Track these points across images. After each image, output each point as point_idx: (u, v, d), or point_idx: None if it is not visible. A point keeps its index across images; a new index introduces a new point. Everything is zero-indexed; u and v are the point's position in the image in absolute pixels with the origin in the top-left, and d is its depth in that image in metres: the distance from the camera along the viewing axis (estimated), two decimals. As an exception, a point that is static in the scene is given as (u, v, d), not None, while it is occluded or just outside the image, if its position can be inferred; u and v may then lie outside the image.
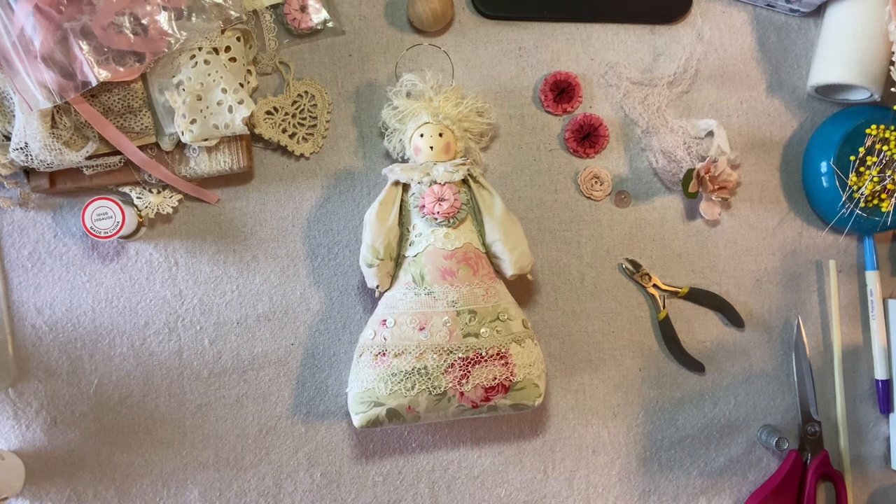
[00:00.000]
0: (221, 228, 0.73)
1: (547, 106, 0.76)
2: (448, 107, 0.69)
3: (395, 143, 0.71)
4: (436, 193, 0.66)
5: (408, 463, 0.75)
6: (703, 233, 0.78)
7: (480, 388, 0.66)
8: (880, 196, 0.75)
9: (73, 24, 0.62)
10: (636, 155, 0.77)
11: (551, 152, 0.76)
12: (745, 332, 0.78)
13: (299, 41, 0.74)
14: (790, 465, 0.76)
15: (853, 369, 0.80)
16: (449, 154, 0.68)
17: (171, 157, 0.70)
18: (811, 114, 0.80)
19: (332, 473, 0.74)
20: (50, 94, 0.62)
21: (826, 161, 0.75)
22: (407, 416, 0.66)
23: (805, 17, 0.79)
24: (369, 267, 0.67)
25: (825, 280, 0.79)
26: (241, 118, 0.67)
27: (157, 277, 0.73)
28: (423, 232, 0.67)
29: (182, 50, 0.65)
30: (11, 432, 0.71)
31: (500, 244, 0.68)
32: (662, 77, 0.77)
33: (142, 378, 0.73)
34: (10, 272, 0.72)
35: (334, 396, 0.74)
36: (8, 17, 0.61)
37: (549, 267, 0.76)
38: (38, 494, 0.71)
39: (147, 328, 0.73)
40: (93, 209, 0.67)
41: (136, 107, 0.66)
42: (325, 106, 0.74)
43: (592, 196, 0.76)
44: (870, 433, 0.80)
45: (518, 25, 0.76)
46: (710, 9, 0.78)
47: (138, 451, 0.73)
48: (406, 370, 0.65)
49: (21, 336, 0.72)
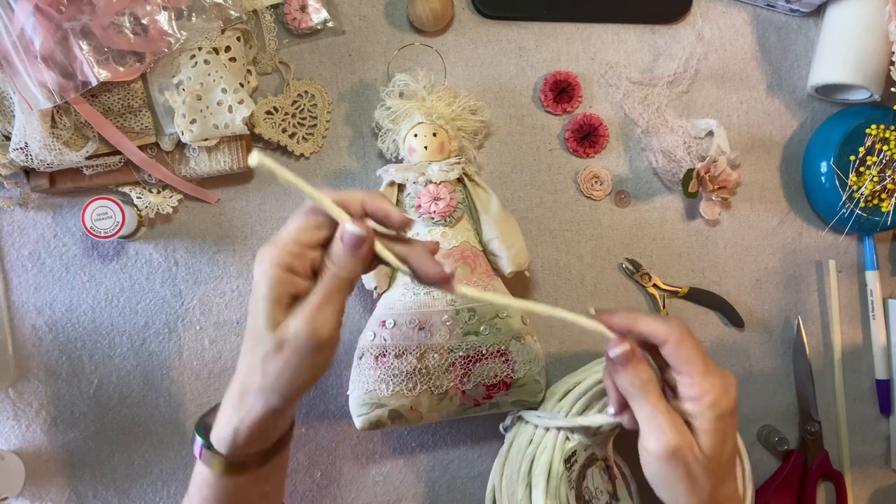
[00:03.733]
0: (221, 228, 0.73)
1: (547, 106, 0.76)
2: (441, 106, 0.69)
3: (388, 143, 0.71)
4: (431, 193, 0.66)
5: (408, 463, 0.75)
6: (703, 233, 0.78)
7: (482, 386, 0.66)
8: (880, 196, 0.75)
9: (73, 24, 0.62)
10: (636, 155, 0.77)
11: (551, 152, 0.76)
12: (745, 332, 0.78)
13: (299, 41, 0.74)
14: (790, 465, 0.76)
15: (853, 369, 0.80)
16: (443, 153, 0.68)
17: (171, 157, 0.70)
18: (811, 114, 0.80)
19: (332, 473, 0.74)
20: (50, 94, 0.62)
21: (826, 161, 0.75)
22: (409, 416, 0.66)
23: (805, 17, 0.79)
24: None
25: (825, 280, 0.79)
26: (241, 118, 0.67)
27: (157, 277, 0.73)
28: (419, 232, 0.67)
29: (182, 50, 0.65)
30: (11, 432, 0.71)
31: (497, 242, 0.68)
32: (662, 77, 0.77)
33: (142, 378, 0.73)
34: (10, 272, 0.72)
35: (334, 397, 0.74)
36: (8, 17, 0.61)
37: (549, 267, 0.76)
38: (38, 494, 0.71)
39: (147, 328, 0.73)
40: (93, 209, 0.67)
41: (136, 107, 0.66)
42: (325, 106, 0.74)
43: (592, 196, 0.76)
44: (870, 433, 0.80)
45: (518, 25, 0.76)
46: (710, 9, 0.78)
47: (138, 451, 0.73)
48: (407, 370, 0.65)
49: (21, 336, 0.72)
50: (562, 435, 0.64)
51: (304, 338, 0.46)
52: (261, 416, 0.49)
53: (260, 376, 0.48)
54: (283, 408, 0.50)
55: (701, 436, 0.49)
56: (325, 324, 0.47)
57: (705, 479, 0.50)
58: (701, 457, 0.49)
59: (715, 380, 0.50)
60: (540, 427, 0.66)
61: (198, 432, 0.53)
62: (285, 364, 0.47)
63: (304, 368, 0.48)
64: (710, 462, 0.49)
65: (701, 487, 0.50)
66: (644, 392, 0.50)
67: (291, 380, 0.48)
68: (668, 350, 0.50)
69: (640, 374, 0.50)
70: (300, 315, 0.47)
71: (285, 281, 0.47)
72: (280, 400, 0.49)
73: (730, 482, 0.52)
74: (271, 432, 0.52)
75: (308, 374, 0.48)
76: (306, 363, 0.47)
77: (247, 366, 0.49)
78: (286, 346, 0.47)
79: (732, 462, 0.52)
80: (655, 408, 0.50)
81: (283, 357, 0.47)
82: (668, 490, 0.51)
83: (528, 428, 0.67)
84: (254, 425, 0.50)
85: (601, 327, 0.52)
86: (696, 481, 0.50)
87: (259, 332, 0.47)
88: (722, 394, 0.49)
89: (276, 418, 0.51)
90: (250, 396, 0.49)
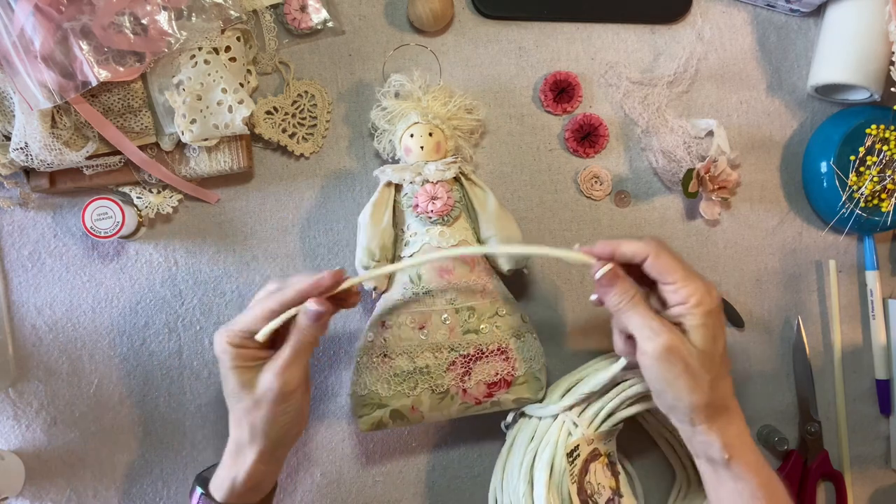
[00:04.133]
0: (221, 228, 0.73)
1: (547, 106, 0.76)
2: (437, 106, 0.69)
3: (384, 143, 0.71)
4: (429, 192, 0.66)
5: (408, 463, 0.75)
6: (703, 233, 0.78)
7: (483, 385, 0.66)
8: (880, 196, 0.75)
9: (73, 24, 0.62)
10: (636, 155, 0.77)
11: (551, 152, 0.76)
12: (745, 332, 0.78)
13: (299, 41, 0.74)
14: (790, 465, 0.76)
15: (853, 369, 0.80)
16: (439, 153, 0.68)
17: (171, 157, 0.70)
18: (811, 114, 0.80)
19: (332, 473, 0.74)
20: (50, 94, 0.62)
21: (826, 161, 0.75)
22: (411, 416, 0.66)
23: (805, 17, 0.79)
24: (366, 269, 0.67)
25: (825, 280, 0.79)
26: (241, 118, 0.67)
27: (157, 277, 0.73)
28: (417, 231, 0.67)
29: (182, 50, 0.65)
30: (11, 432, 0.71)
31: (496, 240, 0.68)
32: (662, 77, 0.77)
33: (142, 378, 0.73)
34: (10, 272, 0.72)
35: (334, 396, 0.74)
36: (8, 17, 0.61)
37: (549, 267, 0.76)
38: (38, 494, 0.71)
39: (147, 328, 0.73)
40: (93, 209, 0.67)
41: (136, 107, 0.66)
42: (325, 106, 0.74)
43: (592, 196, 0.76)
44: (870, 433, 0.80)
45: (518, 25, 0.76)
46: (710, 9, 0.78)
47: (138, 451, 0.73)
48: (408, 370, 0.65)
49: (21, 336, 0.72)
50: (564, 430, 0.64)
51: (276, 392, 0.57)
52: (255, 462, 0.58)
53: (248, 429, 0.58)
54: (273, 451, 0.59)
55: (692, 332, 0.54)
56: (294, 378, 0.58)
57: (703, 372, 0.54)
58: (695, 350, 0.54)
59: (697, 282, 0.54)
60: (543, 419, 0.66)
61: (198, 483, 0.61)
62: (265, 415, 0.57)
63: (279, 414, 0.58)
64: (703, 355, 0.54)
65: (701, 380, 0.54)
66: (632, 304, 0.55)
67: (273, 425, 0.58)
68: (649, 263, 0.55)
69: (627, 289, 0.56)
70: (270, 372, 0.57)
71: (243, 355, 0.58)
72: (268, 443, 0.59)
73: (726, 380, 0.56)
74: (263, 483, 0.61)
75: (284, 418, 0.58)
76: (281, 409, 0.58)
77: (234, 423, 0.59)
78: (262, 400, 0.57)
79: (726, 361, 0.57)
80: (645, 315, 0.55)
81: (262, 410, 0.57)
82: (671, 389, 0.55)
83: (530, 423, 0.67)
84: (249, 472, 0.59)
85: (586, 257, 0.57)
86: (695, 375, 0.54)
87: (236, 394, 0.58)
88: (706, 293, 0.54)
89: (268, 464, 0.60)
90: (244, 448, 0.59)
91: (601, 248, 0.57)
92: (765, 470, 0.57)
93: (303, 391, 0.59)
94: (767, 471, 0.57)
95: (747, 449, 0.56)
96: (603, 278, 0.56)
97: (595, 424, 0.64)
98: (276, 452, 0.60)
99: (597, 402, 0.65)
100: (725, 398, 0.56)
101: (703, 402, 0.55)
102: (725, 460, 0.56)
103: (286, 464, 0.73)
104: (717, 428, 0.56)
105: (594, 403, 0.65)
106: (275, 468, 0.62)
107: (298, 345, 0.58)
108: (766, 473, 0.57)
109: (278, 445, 0.60)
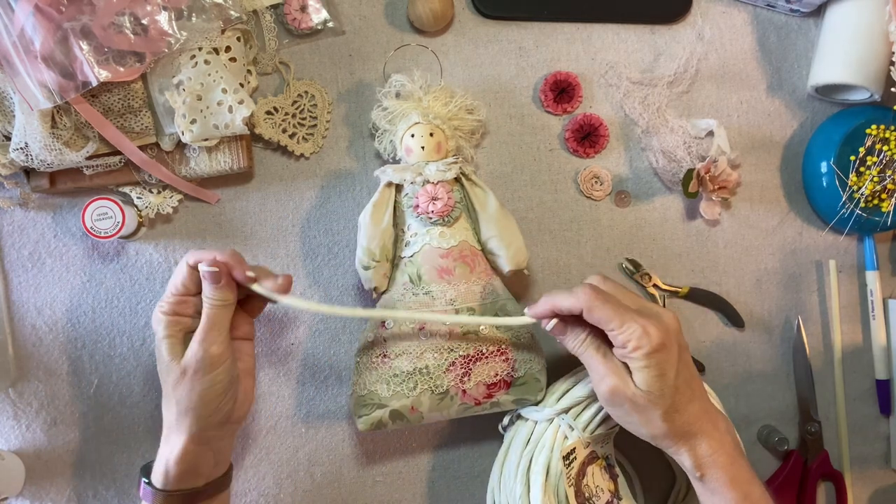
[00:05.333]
0: (221, 228, 0.73)
1: (547, 106, 0.76)
2: (437, 106, 0.69)
3: (385, 144, 0.71)
4: (429, 193, 0.66)
5: (408, 463, 0.75)
6: (703, 233, 0.78)
7: (482, 385, 0.66)
8: (880, 196, 0.75)
9: (73, 24, 0.62)
10: (636, 155, 0.77)
11: (551, 152, 0.76)
12: (745, 332, 0.78)
13: (299, 41, 0.74)
14: (790, 465, 0.76)
15: (853, 369, 0.80)
16: (440, 153, 0.68)
17: (171, 157, 0.70)
18: (811, 114, 0.80)
19: (332, 473, 0.74)
20: (50, 94, 0.62)
21: (826, 161, 0.75)
22: (410, 416, 0.66)
23: (805, 17, 0.79)
24: (366, 269, 0.67)
25: (825, 280, 0.79)
26: (241, 118, 0.67)
27: (157, 277, 0.73)
28: (418, 232, 0.67)
29: (182, 50, 0.65)
30: (11, 432, 0.71)
31: (496, 241, 0.68)
32: (662, 77, 0.77)
33: (142, 378, 0.73)
34: (10, 272, 0.72)
35: (334, 396, 0.74)
36: (8, 17, 0.61)
37: (549, 267, 0.76)
38: (38, 494, 0.71)
39: (147, 328, 0.73)
40: (93, 209, 0.67)
41: (136, 107, 0.66)
42: (326, 106, 0.74)
43: (592, 196, 0.76)
44: (870, 433, 0.80)
45: (518, 25, 0.76)
46: (710, 9, 0.78)
47: (138, 451, 0.73)
48: (407, 370, 0.65)
49: (21, 336, 0.72)
50: (560, 432, 0.64)
51: (199, 358, 0.58)
52: (186, 443, 0.58)
53: (175, 406, 0.58)
54: (203, 429, 0.59)
55: (636, 374, 0.56)
56: (214, 343, 0.58)
57: (652, 408, 0.56)
58: (639, 392, 0.56)
59: (633, 325, 0.55)
60: (539, 423, 0.66)
61: (141, 473, 0.61)
62: (191, 386, 0.58)
63: (206, 386, 0.58)
64: (649, 395, 0.56)
65: (651, 416, 0.57)
66: (584, 349, 0.59)
67: (199, 399, 0.58)
68: (585, 316, 0.57)
69: (577, 335, 0.60)
70: (193, 342, 0.58)
71: (175, 322, 0.59)
72: (195, 422, 0.58)
73: (691, 405, 0.57)
74: (197, 467, 0.60)
75: (211, 391, 0.58)
76: (207, 380, 0.58)
77: (165, 403, 0.60)
78: (188, 369, 0.58)
79: (688, 387, 0.58)
80: (594, 359, 0.58)
81: (188, 380, 0.58)
82: (627, 424, 0.59)
83: (526, 426, 0.67)
84: (180, 454, 0.58)
85: (532, 319, 0.62)
86: (644, 411, 0.56)
87: (165, 365, 0.59)
88: (642, 336, 0.55)
89: (200, 444, 0.59)
90: (173, 431, 0.59)
91: (542, 306, 0.60)
92: (744, 485, 0.57)
93: (231, 362, 0.59)
94: (747, 486, 0.57)
95: (722, 465, 0.57)
96: (553, 331, 0.60)
97: (591, 427, 0.65)
98: (208, 432, 0.59)
99: (593, 405, 0.65)
100: (691, 423, 0.57)
101: (660, 432, 0.57)
102: (698, 477, 0.58)
103: (286, 464, 0.73)
104: (685, 449, 0.57)
105: (590, 406, 0.65)
106: (210, 450, 0.60)
107: (210, 310, 0.59)
108: (745, 489, 0.57)
109: (209, 424, 0.59)
